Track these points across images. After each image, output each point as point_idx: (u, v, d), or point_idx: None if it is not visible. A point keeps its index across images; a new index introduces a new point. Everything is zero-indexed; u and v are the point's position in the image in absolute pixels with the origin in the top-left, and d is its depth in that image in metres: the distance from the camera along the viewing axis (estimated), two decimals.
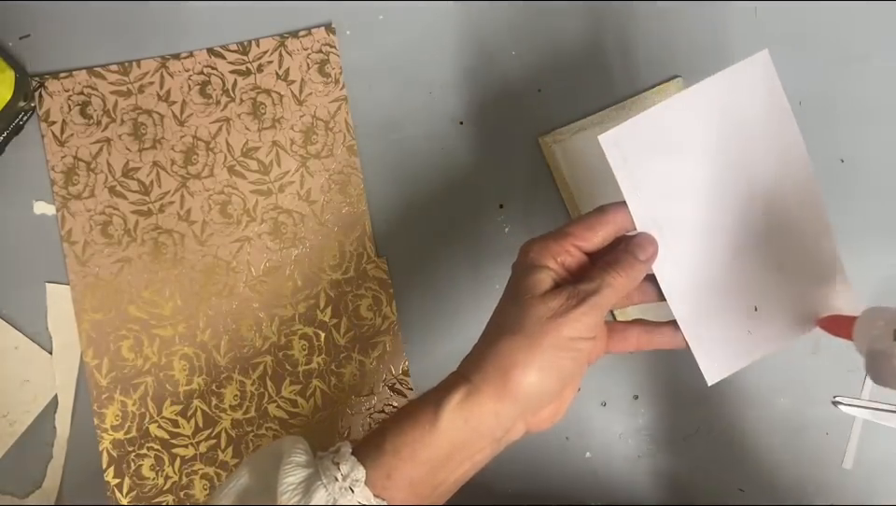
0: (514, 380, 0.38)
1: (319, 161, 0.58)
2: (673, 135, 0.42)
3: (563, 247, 0.41)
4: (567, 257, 0.41)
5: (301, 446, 0.41)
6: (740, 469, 0.57)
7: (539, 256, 0.41)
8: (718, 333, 0.43)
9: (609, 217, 0.42)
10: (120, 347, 0.57)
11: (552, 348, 0.38)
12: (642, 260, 0.41)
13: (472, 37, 0.59)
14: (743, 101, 0.42)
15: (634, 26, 0.59)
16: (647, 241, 0.42)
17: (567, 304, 0.39)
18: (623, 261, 0.41)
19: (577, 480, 0.57)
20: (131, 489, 0.57)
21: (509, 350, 0.39)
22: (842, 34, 0.59)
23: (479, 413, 0.39)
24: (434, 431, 0.39)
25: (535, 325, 0.39)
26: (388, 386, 0.57)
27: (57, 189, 0.58)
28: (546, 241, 0.42)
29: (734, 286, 0.43)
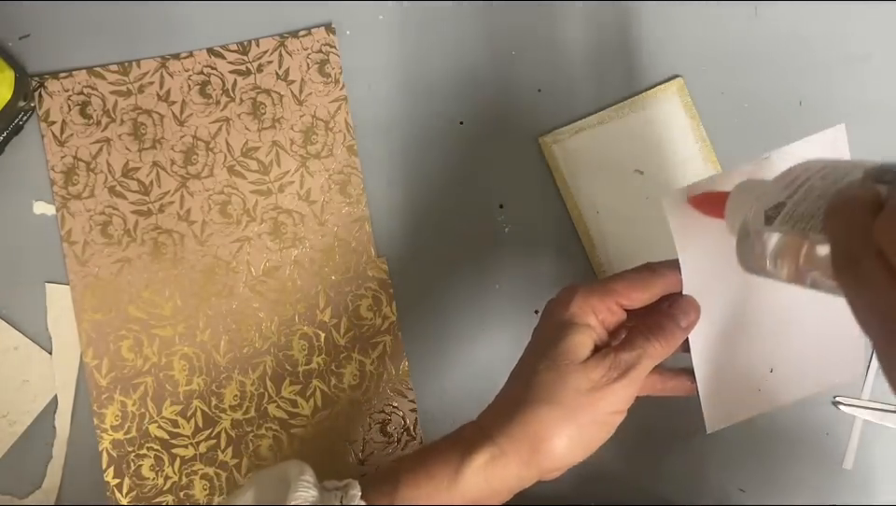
0: (545, 451, 0.38)
1: (319, 161, 0.58)
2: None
3: (606, 305, 0.40)
4: (608, 315, 0.40)
5: (308, 478, 0.40)
6: (740, 469, 0.57)
7: (580, 312, 0.39)
8: (728, 390, 0.43)
9: (660, 279, 0.40)
10: (120, 347, 0.57)
11: (588, 423, 0.38)
12: (683, 326, 0.40)
13: (472, 37, 0.59)
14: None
15: (634, 26, 0.59)
16: (691, 306, 0.40)
17: (608, 376, 0.38)
18: (665, 329, 0.39)
19: (577, 480, 0.57)
20: (131, 489, 0.57)
21: (543, 420, 0.38)
22: (842, 34, 0.59)
23: (502, 476, 0.38)
24: (453, 490, 0.38)
25: (573, 397, 0.38)
26: (388, 386, 0.57)
27: (57, 189, 0.58)
28: (589, 296, 0.40)
29: (754, 347, 0.43)
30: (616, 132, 0.58)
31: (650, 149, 0.58)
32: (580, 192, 0.58)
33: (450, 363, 0.58)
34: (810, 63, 0.59)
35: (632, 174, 0.58)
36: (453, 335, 0.58)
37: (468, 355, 0.58)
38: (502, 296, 0.58)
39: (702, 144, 0.58)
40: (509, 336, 0.57)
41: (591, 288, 0.40)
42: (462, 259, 0.58)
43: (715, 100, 0.58)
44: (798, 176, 0.33)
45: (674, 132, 0.58)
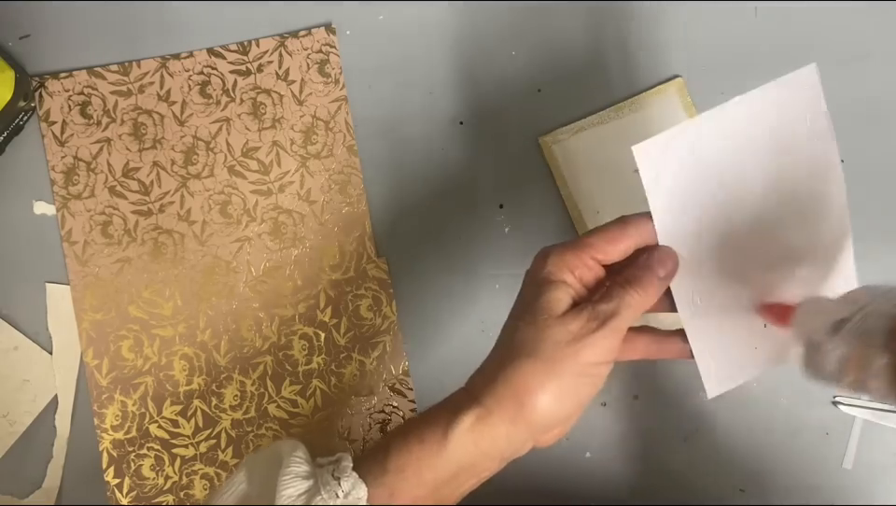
0: (529, 406, 0.37)
1: (319, 161, 0.58)
2: (707, 151, 0.41)
3: (581, 260, 0.39)
4: (584, 270, 0.40)
5: (300, 454, 0.40)
6: (740, 469, 0.57)
7: (556, 269, 0.39)
8: (724, 349, 0.43)
9: (632, 229, 0.40)
10: (120, 347, 0.57)
11: (570, 374, 0.37)
12: (661, 276, 0.39)
13: (472, 37, 0.59)
14: (784, 119, 0.41)
15: (634, 26, 0.59)
16: (667, 256, 0.40)
17: (587, 327, 0.38)
18: (642, 279, 0.39)
19: (577, 480, 0.57)
20: (131, 489, 0.57)
21: (525, 374, 0.37)
22: (842, 34, 0.59)
23: (490, 436, 0.38)
24: (442, 453, 0.38)
25: (553, 349, 0.37)
26: (388, 386, 0.57)
27: (57, 189, 0.58)
28: (564, 253, 0.40)
29: (746, 303, 0.42)
30: (616, 132, 0.58)
31: None
32: (580, 192, 0.57)
33: (450, 363, 0.58)
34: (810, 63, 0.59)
35: (632, 174, 0.57)
36: (453, 335, 0.58)
37: (468, 355, 0.57)
38: (502, 296, 0.58)
39: None
40: None
41: (564, 245, 0.40)
42: (462, 259, 0.58)
43: (715, 100, 0.57)
44: (861, 297, 0.37)
45: None
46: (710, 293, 0.42)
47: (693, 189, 0.41)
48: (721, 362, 0.43)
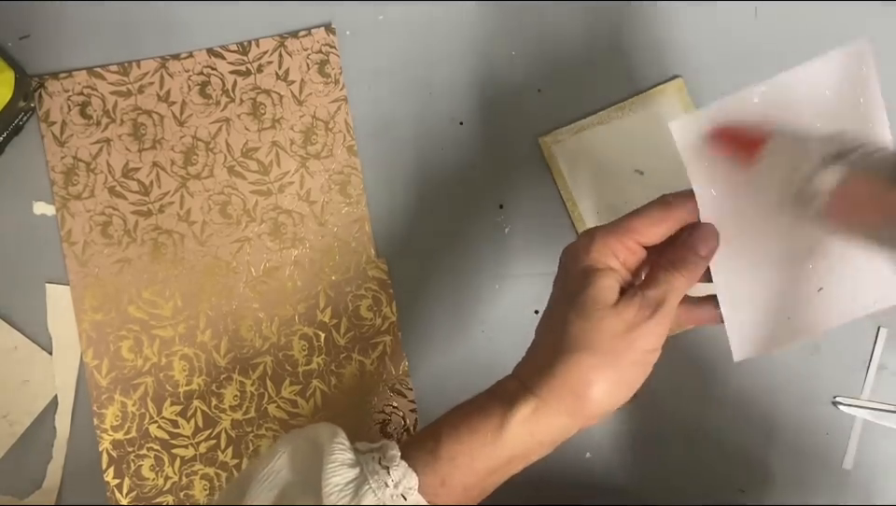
0: (588, 398, 0.37)
1: (319, 161, 0.58)
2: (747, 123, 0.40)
3: (625, 245, 0.39)
4: (628, 255, 0.39)
5: (341, 440, 0.39)
6: (740, 469, 0.57)
7: (601, 256, 0.39)
8: (756, 316, 0.42)
9: (675, 211, 0.40)
10: (120, 348, 0.57)
11: (626, 364, 0.37)
12: (703, 255, 0.39)
13: (472, 37, 0.59)
14: (834, 91, 0.40)
15: (634, 26, 0.59)
16: (710, 233, 0.40)
17: (640, 315, 0.37)
18: (686, 260, 0.39)
19: (577, 480, 0.57)
20: (131, 489, 0.57)
21: (583, 368, 0.37)
22: (842, 34, 0.59)
23: (546, 427, 0.38)
24: (498, 443, 0.38)
25: (609, 341, 0.37)
26: (388, 387, 0.57)
27: (57, 189, 0.58)
28: (607, 237, 0.39)
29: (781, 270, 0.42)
30: (616, 132, 0.58)
31: (650, 149, 0.58)
32: (580, 192, 0.57)
33: (450, 363, 0.58)
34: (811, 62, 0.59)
35: (632, 174, 0.58)
36: (453, 335, 0.58)
37: (468, 355, 0.58)
38: (502, 296, 0.58)
39: None
40: (509, 336, 0.57)
41: (608, 229, 0.40)
42: (462, 259, 0.58)
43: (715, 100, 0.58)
44: (848, 135, 0.37)
45: None
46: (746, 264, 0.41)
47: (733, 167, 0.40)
48: (751, 328, 0.42)
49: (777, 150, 0.39)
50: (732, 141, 0.40)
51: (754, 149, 0.39)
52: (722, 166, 0.40)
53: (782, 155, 0.39)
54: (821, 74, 0.40)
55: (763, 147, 0.39)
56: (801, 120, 0.40)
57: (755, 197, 0.40)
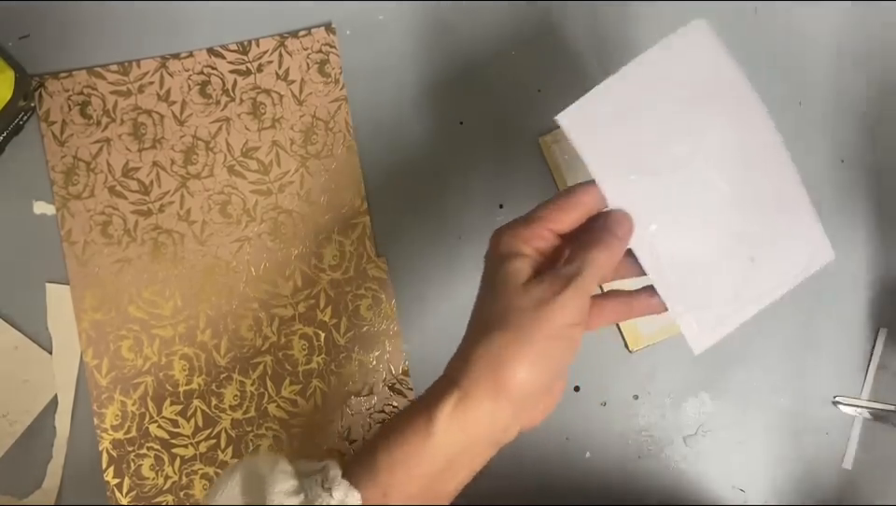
0: (506, 377, 0.36)
1: (319, 161, 0.58)
2: (630, 107, 0.42)
3: (535, 232, 0.40)
4: (540, 242, 0.40)
5: (284, 468, 0.38)
6: (740, 469, 0.57)
7: (511, 243, 0.40)
8: (699, 298, 0.42)
9: (580, 197, 0.40)
10: (120, 347, 0.57)
11: (543, 339, 0.36)
12: (620, 236, 0.40)
13: (472, 37, 0.59)
14: (691, 69, 0.42)
15: (633, 26, 0.59)
16: (622, 216, 0.40)
17: (551, 290, 0.37)
18: (602, 239, 0.39)
19: (577, 480, 0.57)
20: (131, 489, 0.57)
21: (496, 347, 0.37)
22: (841, 34, 0.59)
23: (473, 418, 0.37)
24: (428, 444, 0.37)
25: (521, 317, 0.37)
26: (388, 386, 0.57)
27: (57, 189, 0.58)
28: (516, 227, 0.40)
29: (712, 249, 0.42)
30: None
31: None
32: None
33: None
34: (809, 63, 0.59)
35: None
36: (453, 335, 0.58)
37: None
38: None
39: None
40: None
41: (515, 221, 0.40)
42: (462, 259, 0.58)
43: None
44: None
45: None
46: (671, 244, 0.42)
47: (629, 145, 0.41)
48: (700, 314, 0.42)
49: (662, 129, 0.42)
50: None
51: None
52: (618, 151, 0.41)
53: (669, 132, 0.42)
54: (673, 52, 0.42)
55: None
56: (671, 96, 0.42)
57: (660, 177, 0.42)
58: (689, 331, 0.42)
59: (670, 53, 0.42)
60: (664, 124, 0.42)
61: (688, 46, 0.42)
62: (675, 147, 0.42)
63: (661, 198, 0.42)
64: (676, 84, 0.42)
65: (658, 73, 0.42)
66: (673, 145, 0.42)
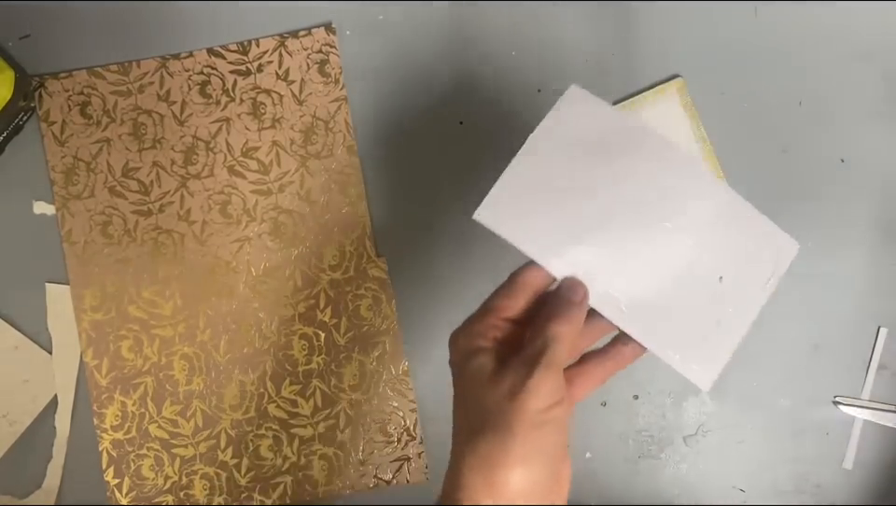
0: (501, 484, 0.34)
1: (319, 161, 0.58)
2: (543, 180, 0.42)
3: (488, 324, 0.39)
4: (496, 332, 0.38)
5: None
6: (740, 469, 0.57)
7: (468, 342, 0.38)
8: (683, 337, 0.42)
9: (525, 278, 0.40)
10: (120, 347, 0.57)
11: (525, 432, 0.34)
12: (576, 301, 0.39)
13: (472, 37, 0.59)
14: (587, 129, 0.43)
15: (634, 26, 0.59)
16: (573, 283, 0.40)
17: (518, 376, 0.35)
18: (558, 311, 0.38)
19: (577, 480, 0.57)
20: (131, 489, 0.57)
21: (483, 454, 0.35)
22: (842, 34, 0.59)
23: None
24: None
25: (497, 415, 0.35)
26: (388, 386, 0.57)
27: (57, 188, 0.58)
28: (470, 325, 0.39)
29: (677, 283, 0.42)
30: None
31: None
32: None
33: None
34: (810, 63, 0.59)
35: None
36: None
37: None
38: None
39: (702, 144, 0.58)
40: None
41: (466, 320, 0.40)
42: (462, 259, 0.58)
43: (715, 100, 0.58)
44: None
45: (674, 132, 0.58)
46: (632, 292, 0.41)
47: (555, 215, 0.41)
48: (692, 351, 0.42)
49: (583, 189, 0.42)
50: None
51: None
52: (547, 224, 0.41)
53: (591, 191, 0.42)
54: (564, 117, 0.43)
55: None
56: (579, 157, 0.43)
57: (598, 234, 0.41)
58: (690, 373, 0.42)
59: (562, 119, 0.43)
60: (582, 185, 0.42)
61: (575, 109, 0.43)
62: (602, 202, 0.42)
63: (606, 252, 0.41)
64: (579, 145, 0.42)
65: (559, 140, 0.43)
66: (599, 200, 0.42)
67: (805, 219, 0.58)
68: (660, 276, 0.42)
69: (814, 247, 0.57)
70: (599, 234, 0.42)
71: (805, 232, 0.58)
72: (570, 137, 0.43)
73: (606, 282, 0.41)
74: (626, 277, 0.42)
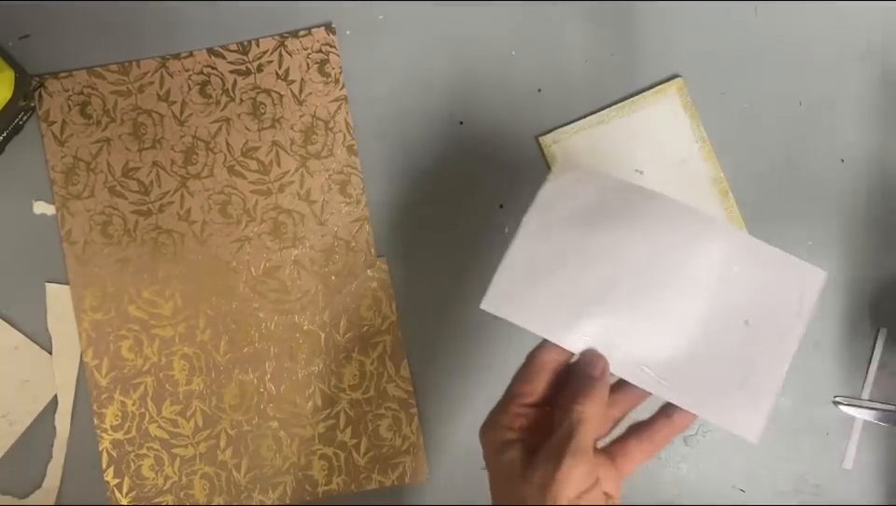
0: None
1: (319, 161, 0.58)
2: (542, 257, 0.42)
3: (512, 413, 0.38)
4: (522, 420, 0.38)
5: None
6: (740, 469, 0.57)
7: (494, 435, 0.38)
8: (721, 391, 0.40)
9: (541, 359, 0.40)
10: (120, 347, 0.57)
11: None
12: (597, 375, 0.38)
13: (472, 37, 0.59)
14: (586, 198, 0.43)
15: (634, 26, 0.59)
16: (592, 357, 0.39)
17: (548, 468, 0.35)
18: (579, 389, 0.38)
19: None
20: (131, 489, 0.57)
21: None
22: (842, 34, 0.59)
23: None
24: None
25: None
26: (388, 386, 0.57)
27: (57, 188, 0.58)
28: (495, 417, 0.39)
29: (702, 336, 0.41)
30: (616, 132, 0.58)
31: (650, 149, 0.58)
32: None
33: (450, 363, 0.58)
34: (810, 63, 0.59)
35: (632, 173, 0.58)
36: (452, 335, 0.58)
37: (467, 355, 0.58)
38: None
39: (702, 144, 0.58)
40: (508, 336, 0.57)
41: (490, 413, 0.40)
42: (462, 259, 0.58)
43: (715, 100, 0.58)
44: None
45: (674, 132, 0.58)
46: (656, 354, 0.40)
47: (563, 291, 0.41)
48: (732, 403, 0.40)
49: (588, 260, 0.41)
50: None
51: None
52: (556, 301, 0.41)
53: (596, 259, 0.41)
54: (556, 190, 0.44)
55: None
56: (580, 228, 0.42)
57: (609, 303, 0.40)
58: (736, 428, 0.40)
59: (554, 195, 0.43)
60: (585, 254, 0.41)
61: (563, 182, 0.43)
62: (607, 268, 0.41)
63: (620, 318, 0.41)
64: (576, 216, 0.42)
65: (554, 215, 0.42)
66: (604, 267, 0.41)
67: (805, 219, 0.58)
68: (682, 333, 0.41)
69: (814, 247, 0.57)
70: (610, 301, 0.41)
71: (804, 232, 0.58)
72: (565, 210, 0.43)
73: (626, 348, 0.40)
74: (647, 340, 0.40)
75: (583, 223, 0.42)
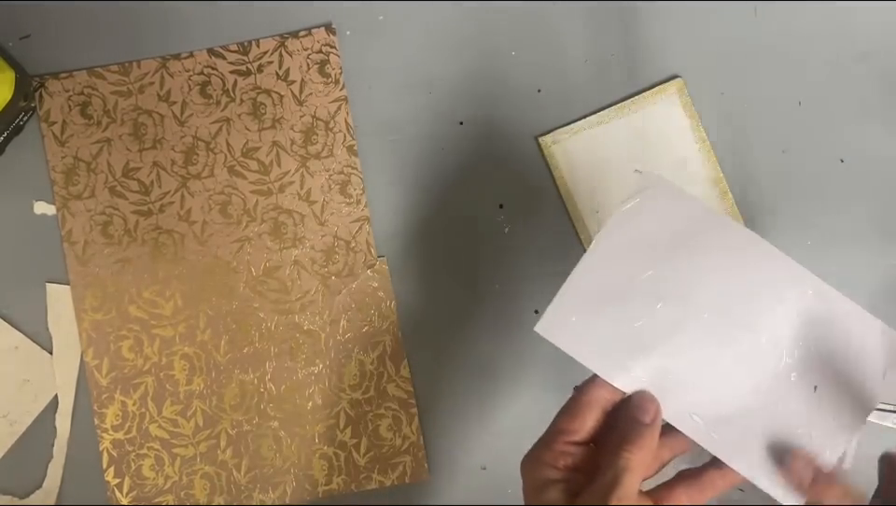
0: None
1: (319, 161, 0.58)
2: (607, 283, 0.39)
3: (557, 451, 0.37)
4: (567, 458, 0.37)
5: None
6: None
7: (537, 472, 0.37)
8: (776, 457, 0.38)
9: (591, 396, 0.38)
10: (120, 347, 0.57)
11: None
12: (647, 422, 0.37)
13: (472, 37, 0.59)
14: (660, 224, 0.39)
15: (634, 26, 0.59)
16: (643, 399, 0.37)
17: None
18: (629, 435, 0.36)
19: None
20: (131, 489, 0.57)
21: None
22: (842, 33, 0.59)
23: None
24: None
25: None
26: (388, 386, 0.57)
27: (57, 189, 0.58)
28: (538, 452, 0.38)
29: (765, 400, 0.38)
30: (616, 132, 0.58)
31: (650, 149, 0.58)
32: (579, 192, 0.58)
33: (450, 363, 0.58)
34: (810, 63, 0.59)
35: (632, 174, 0.58)
36: (452, 335, 0.58)
37: (467, 354, 0.58)
38: (502, 296, 0.58)
39: (701, 144, 0.58)
40: (508, 336, 0.57)
41: (534, 446, 0.38)
42: (462, 258, 0.58)
43: (715, 100, 0.58)
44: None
45: (674, 132, 0.58)
46: (711, 404, 0.38)
47: (622, 324, 0.38)
48: (775, 467, 0.38)
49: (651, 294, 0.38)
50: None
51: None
52: (613, 335, 0.38)
53: (660, 294, 0.38)
54: (632, 215, 0.40)
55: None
56: (647, 258, 0.39)
57: (668, 342, 0.38)
58: (787, 500, 0.38)
59: (637, 214, 0.39)
60: (653, 287, 0.38)
61: (655, 198, 0.39)
62: (675, 305, 0.38)
63: (680, 362, 0.38)
64: (652, 243, 0.39)
65: (628, 237, 0.39)
66: (672, 303, 0.38)
67: (805, 219, 0.58)
68: (744, 389, 0.38)
69: (814, 247, 0.57)
70: (673, 344, 0.38)
71: (804, 232, 0.58)
72: (640, 233, 0.39)
73: (681, 395, 0.38)
74: (705, 389, 0.38)
75: (658, 252, 0.39)
